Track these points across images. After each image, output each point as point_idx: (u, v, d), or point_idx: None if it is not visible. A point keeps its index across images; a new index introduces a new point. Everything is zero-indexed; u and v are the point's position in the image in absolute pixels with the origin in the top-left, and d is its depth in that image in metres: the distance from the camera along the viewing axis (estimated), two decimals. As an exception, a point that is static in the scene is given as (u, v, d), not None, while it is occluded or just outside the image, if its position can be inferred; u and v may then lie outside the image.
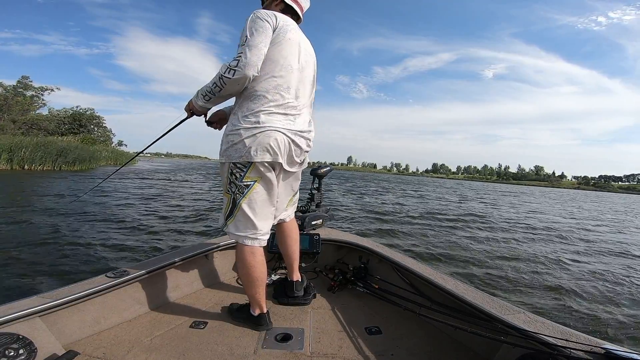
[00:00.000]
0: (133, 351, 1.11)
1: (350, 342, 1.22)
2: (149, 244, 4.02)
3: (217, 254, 1.79)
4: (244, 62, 1.08)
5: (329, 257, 2.01)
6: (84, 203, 6.72)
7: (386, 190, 19.00)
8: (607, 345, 0.88)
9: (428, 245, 5.06)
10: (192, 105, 1.26)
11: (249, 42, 1.10)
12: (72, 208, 6.04)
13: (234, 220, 1.23)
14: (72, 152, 17.24)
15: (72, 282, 1.23)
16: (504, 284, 3.48)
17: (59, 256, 3.30)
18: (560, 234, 7.18)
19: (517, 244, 5.74)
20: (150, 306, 1.41)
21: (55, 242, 3.75)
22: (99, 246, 3.72)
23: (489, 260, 4.41)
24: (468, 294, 1.24)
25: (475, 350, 1.17)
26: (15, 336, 0.96)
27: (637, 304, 3.19)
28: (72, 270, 2.96)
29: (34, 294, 1.12)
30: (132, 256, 3.49)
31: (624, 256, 5.45)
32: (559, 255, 5.08)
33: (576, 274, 4.10)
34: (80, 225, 4.64)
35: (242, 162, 1.17)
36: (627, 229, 9.47)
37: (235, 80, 1.09)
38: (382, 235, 5.71)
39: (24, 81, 28.30)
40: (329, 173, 2.25)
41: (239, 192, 1.20)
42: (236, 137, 1.16)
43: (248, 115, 1.15)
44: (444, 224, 7.43)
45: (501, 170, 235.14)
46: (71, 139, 23.99)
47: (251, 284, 1.26)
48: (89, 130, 35.11)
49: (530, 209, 14.05)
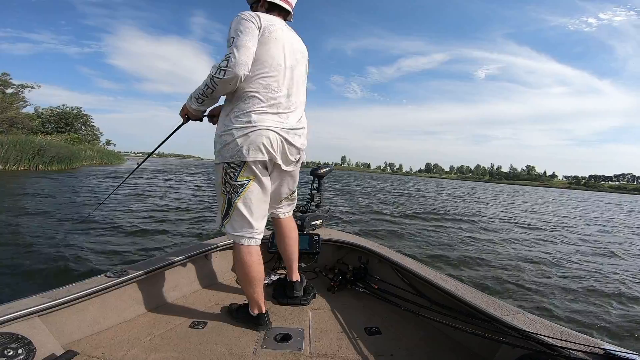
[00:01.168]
0: (132, 351, 1.10)
1: (349, 343, 1.22)
2: (149, 244, 4.02)
3: (217, 254, 1.79)
4: (233, 62, 1.08)
5: (328, 258, 2.01)
6: (78, 204, 6.72)
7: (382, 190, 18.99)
8: (606, 345, 0.88)
9: (426, 245, 5.07)
10: (186, 110, 1.27)
11: (237, 43, 1.11)
12: (71, 208, 6.04)
13: (230, 220, 1.24)
14: (50, 151, 16.16)
15: (71, 282, 1.23)
16: (504, 284, 3.48)
17: (59, 256, 3.30)
18: (563, 235, 7.20)
19: (515, 244, 5.74)
20: (150, 306, 1.40)
21: (51, 243, 3.75)
22: (99, 246, 3.72)
23: (489, 260, 4.42)
24: (467, 295, 1.24)
25: (474, 351, 1.17)
26: (14, 336, 0.96)
27: (636, 304, 3.20)
28: (72, 270, 2.96)
29: (33, 293, 1.12)
30: (132, 256, 3.49)
31: (625, 257, 5.46)
32: (558, 255, 5.09)
33: (576, 273, 4.11)
34: (81, 225, 4.64)
35: (235, 162, 1.18)
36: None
37: (227, 81, 1.10)
38: (382, 233, 5.72)
39: (3, 78, 25.73)
40: (328, 173, 2.26)
41: (234, 192, 1.20)
42: (229, 137, 1.16)
43: (240, 115, 1.16)
44: (446, 224, 7.44)
45: (494, 170, 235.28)
46: (55, 138, 23.05)
47: (249, 284, 1.26)
48: (76, 129, 34.27)
49: (534, 209, 14.09)
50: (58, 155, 16.82)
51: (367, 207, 9.74)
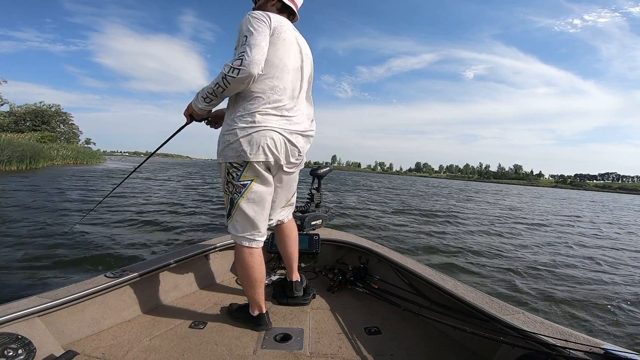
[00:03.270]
0: (132, 351, 1.10)
1: (349, 343, 1.22)
2: (148, 244, 4.02)
3: (217, 254, 1.79)
4: (248, 60, 1.07)
5: (328, 258, 2.01)
6: (75, 202, 6.72)
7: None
8: (606, 345, 0.88)
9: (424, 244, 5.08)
10: (191, 109, 1.25)
11: (250, 41, 1.09)
12: (68, 207, 6.03)
13: (232, 221, 1.24)
14: (6, 150, 14.34)
15: (71, 282, 1.23)
16: (503, 284, 3.48)
17: (58, 256, 3.29)
18: (560, 234, 7.20)
19: (515, 244, 5.74)
20: (150, 306, 1.40)
21: (52, 242, 3.75)
22: (98, 246, 3.72)
23: (489, 260, 4.42)
24: (467, 294, 1.24)
25: (474, 351, 1.17)
26: (14, 336, 0.96)
27: (636, 304, 3.20)
28: (71, 270, 2.96)
29: (33, 294, 1.12)
30: (132, 256, 3.49)
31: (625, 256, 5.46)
32: (558, 254, 5.09)
33: (575, 273, 4.11)
34: (79, 226, 4.64)
35: (238, 162, 1.17)
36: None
37: (240, 80, 1.09)
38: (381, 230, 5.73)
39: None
40: (328, 173, 2.26)
41: (236, 192, 1.20)
42: (232, 137, 1.16)
43: (244, 115, 1.15)
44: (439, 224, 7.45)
45: (482, 169, 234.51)
46: (24, 136, 21.57)
47: (250, 285, 1.26)
48: (53, 127, 32.80)
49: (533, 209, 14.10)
50: (16, 154, 14.96)
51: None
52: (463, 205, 13.21)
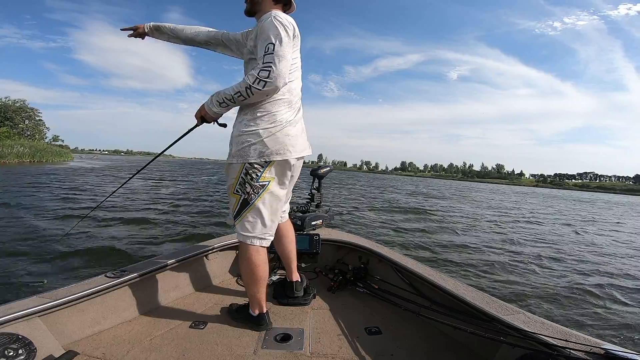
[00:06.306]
0: (133, 351, 1.10)
1: (350, 343, 1.22)
2: (148, 244, 4.02)
3: (217, 254, 1.79)
4: (275, 73, 1.06)
5: (328, 258, 2.01)
6: (74, 201, 6.72)
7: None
8: (606, 345, 0.88)
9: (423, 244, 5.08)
10: (204, 112, 1.23)
11: (278, 52, 1.07)
12: (66, 207, 6.03)
13: (243, 221, 1.23)
14: None
15: (71, 282, 1.23)
16: (503, 284, 3.48)
17: (58, 256, 3.30)
18: (559, 235, 7.19)
19: (514, 243, 5.74)
20: (150, 306, 1.40)
21: (50, 242, 3.75)
22: (97, 246, 3.72)
23: (488, 260, 4.42)
24: (468, 295, 1.24)
25: (474, 351, 1.17)
26: (14, 336, 0.96)
27: (636, 304, 3.20)
28: (71, 270, 2.96)
29: (33, 294, 1.12)
30: (132, 257, 3.49)
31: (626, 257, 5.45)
32: (557, 255, 5.08)
33: (575, 273, 4.10)
34: (81, 225, 4.64)
35: (259, 162, 1.18)
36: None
37: (264, 92, 1.09)
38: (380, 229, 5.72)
39: None
40: (328, 173, 2.25)
41: (254, 192, 1.20)
42: (254, 137, 1.17)
43: (265, 115, 1.17)
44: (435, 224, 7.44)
45: (466, 169, 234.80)
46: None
47: (254, 283, 1.26)
48: (16, 124, 31.38)
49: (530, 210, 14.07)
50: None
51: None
52: (461, 205, 13.20)
